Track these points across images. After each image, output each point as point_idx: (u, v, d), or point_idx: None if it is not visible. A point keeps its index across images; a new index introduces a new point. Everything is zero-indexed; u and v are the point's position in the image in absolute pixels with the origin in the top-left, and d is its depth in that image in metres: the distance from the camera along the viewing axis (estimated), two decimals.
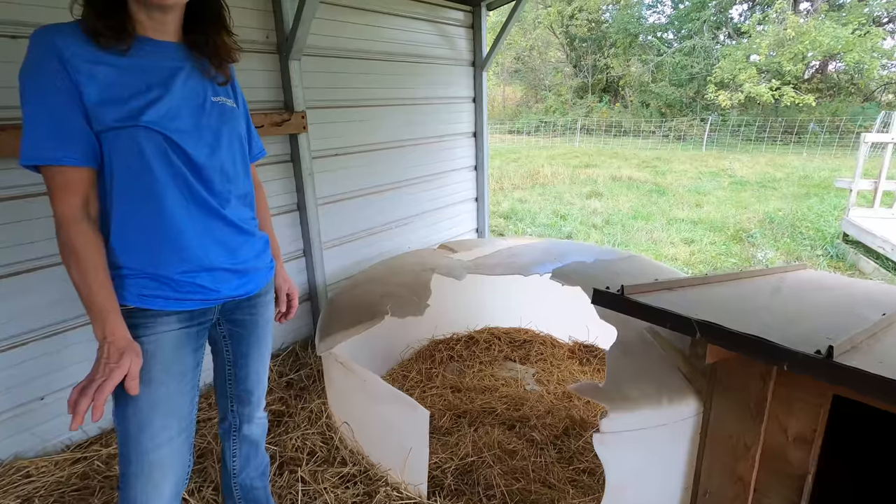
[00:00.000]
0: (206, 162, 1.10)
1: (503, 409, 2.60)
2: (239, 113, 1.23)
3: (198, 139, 1.09)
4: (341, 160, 2.64)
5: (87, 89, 0.95)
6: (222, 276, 1.17)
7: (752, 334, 1.02)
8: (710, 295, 1.43)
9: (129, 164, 1.01)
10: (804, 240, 5.58)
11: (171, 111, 1.04)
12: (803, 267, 2.25)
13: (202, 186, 1.10)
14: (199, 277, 1.12)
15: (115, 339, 1.00)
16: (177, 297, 1.10)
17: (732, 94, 16.07)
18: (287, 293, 1.46)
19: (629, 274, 2.01)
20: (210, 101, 1.14)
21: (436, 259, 2.77)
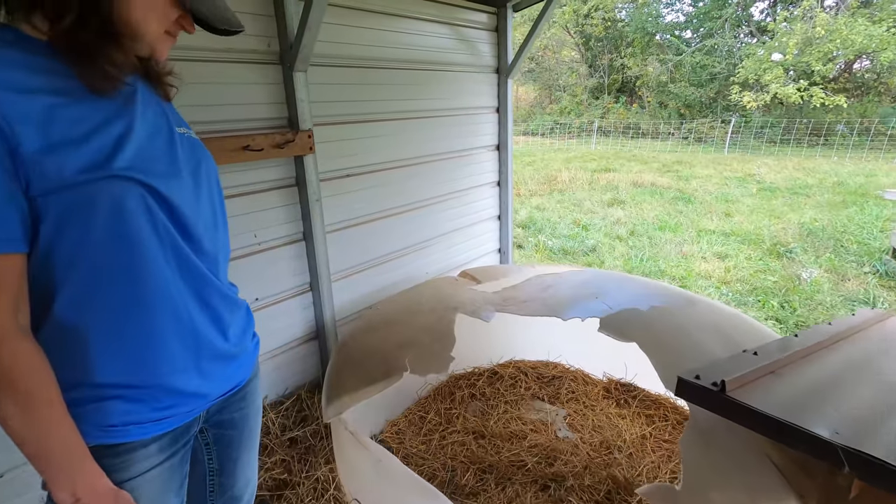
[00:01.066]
0: (193, 215, 0.81)
1: (534, 464, 2.30)
2: (205, 148, 0.95)
3: (180, 185, 0.80)
4: (352, 182, 2.35)
5: (24, 134, 0.64)
6: (213, 370, 0.87)
7: None
8: (824, 378, 1.11)
9: (95, 234, 0.70)
10: (849, 255, 5.17)
11: (144, 149, 0.75)
12: (894, 314, 1.91)
13: (192, 249, 0.81)
14: (189, 379, 0.82)
15: (97, 498, 0.71)
16: (156, 416, 0.80)
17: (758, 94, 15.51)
18: None
19: (696, 326, 1.69)
20: (175, 132, 0.85)
21: (458, 292, 2.47)
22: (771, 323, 3.72)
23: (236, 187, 1.90)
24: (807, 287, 4.33)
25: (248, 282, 2.02)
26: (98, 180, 0.69)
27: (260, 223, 2.01)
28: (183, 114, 1.69)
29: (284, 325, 2.22)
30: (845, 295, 4.18)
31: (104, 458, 0.76)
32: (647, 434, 2.48)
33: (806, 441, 0.83)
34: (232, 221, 1.92)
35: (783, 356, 1.16)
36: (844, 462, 0.79)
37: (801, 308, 3.93)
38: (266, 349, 2.16)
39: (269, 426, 2.04)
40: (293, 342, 2.27)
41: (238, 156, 1.73)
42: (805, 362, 1.20)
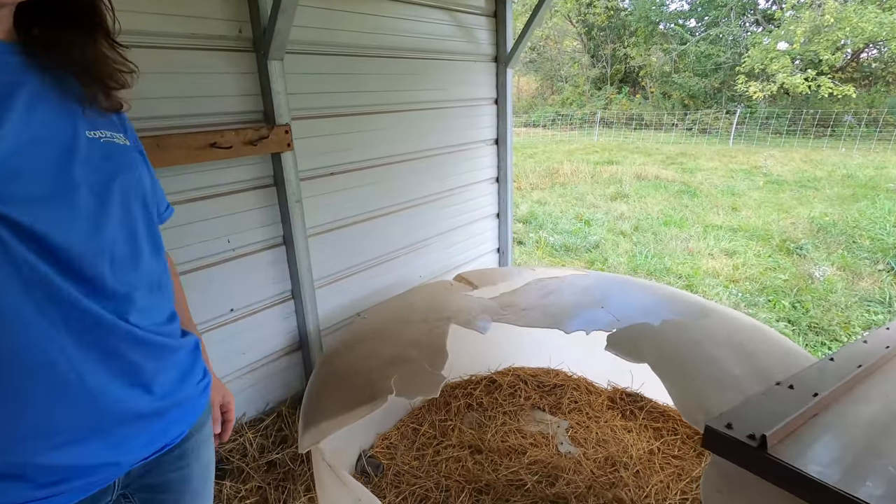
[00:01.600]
0: (85, 247, 0.63)
1: (534, 483, 2.14)
2: (133, 152, 0.77)
3: (66, 210, 0.62)
4: (337, 181, 2.17)
5: None
6: (127, 433, 0.70)
7: None
8: (875, 420, 0.94)
9: None
10: (862, 252, 4.98)
11: (6, 161, 0.58)
12: None
13: (80, 289, 0.63)
14: (81, 452, 0.65)
15: None
16: (40, 495, 0.63)
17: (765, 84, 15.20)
18: (221, 405, 1.00)
19: (714, 342, 1.52)
20: (84, 138, 0.67)
21: (452, 299, 2.29)
22: (783, 325, 3.55)
23: (206, 188, 1.73)
24: (819, 286, 4.15)
25: (222, 291, 1.85)
26: None
27: (234, 227, 1.84)
28: (142, 108, 1.52)
29: (264, 337, 2.05)
30: (860, 295, 4.00)
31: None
32: (655, 449, 2.32)
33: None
34: (201, 226, 1.76)
35: (826, 393, 0.98)
36: None
37: (815, 309, 3.75)
38: (244, 363, 1.99)
39: (247, 447, 1.88)
40: (274, 354, 2.10)
41: (204, 154, 1.55)
42: (849, 398, 1.03)
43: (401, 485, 2.17)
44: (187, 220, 1.69)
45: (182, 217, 1.67)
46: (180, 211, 1.68)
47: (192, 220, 1.70)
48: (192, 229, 1.71)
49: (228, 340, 1.91)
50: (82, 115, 0.67)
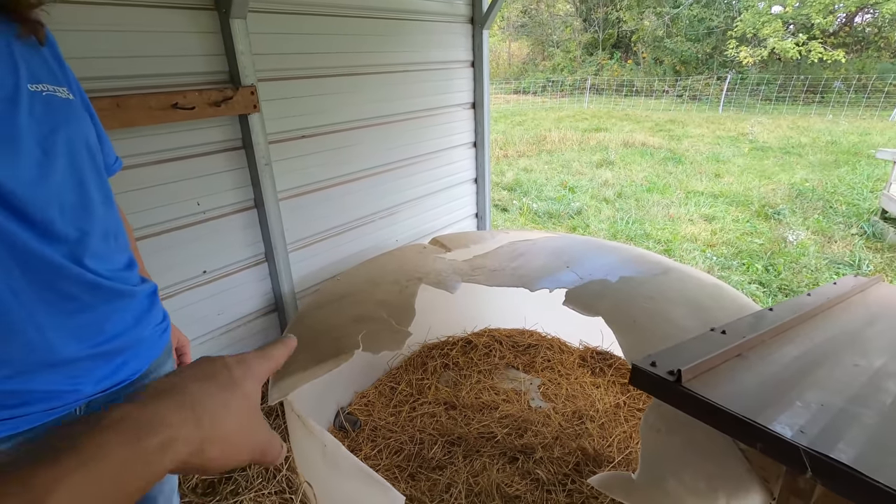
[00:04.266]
0: (33, 193, 0.66)
1: (504, 435, 2.24)
2: (80, 107, 0.78)
3: (12, 156, 0.64)
4: (306, 144, 2.17)
5: None
6: (78, 369, 0.75)
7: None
8: (797, 361, 1.00)
9: None
10: (837, 216, 5.08)
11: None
12: (877, 280, 1.81)
13: (32, 233, 0.66)
14: (40, 380, 0.70)
15: None
16: (6, 415, 0.69)
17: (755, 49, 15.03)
18: (176, 348, 1.05)
19: (666, 299, 1.58)
20: (26, 90, 0.69)
21: (424, 262, 2.34)
22: (755, 287, 3.66)
23: (172, 150, 1.72)
24: (792, 250, 4.25)
25: (194, 254, 1.88)
26: None
27: (203, 189, 1.84)
28: (100, 67, 1.51)
29: (239, 299, 2.09)
30: (830, 258, 4.10)
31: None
32: (621, 403, 2.43)
33: (766, 441, 0.73)
34: (169, 188, 1.77)
35: (753, 335, 1.05)
36: (808, 466, 0.69)
37: (786, 272, 3.86)
38: (219, 324, 2.04)
39: None
40: (249, 315, 2.15)
41: (166, 115, 1.55)
42: (777, 341, 1.10)
43: (377, 439, 2.26)
44: (154, 182, 1.70)
45: (148, 179, 1.68)
46: (146, 173, 1.68)
47: (159, 183, 1.71)
48: (159, 191, 1.72)
49: (203, 302, 1.95)
50: (26, 66, 0.68)
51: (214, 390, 0.34)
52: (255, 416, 0.38)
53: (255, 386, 0.38)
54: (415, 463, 2.13)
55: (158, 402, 0.31)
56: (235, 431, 0.35)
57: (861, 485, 0.64)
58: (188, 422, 0.31)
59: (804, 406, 0.81)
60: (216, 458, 0.33)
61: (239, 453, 0.36)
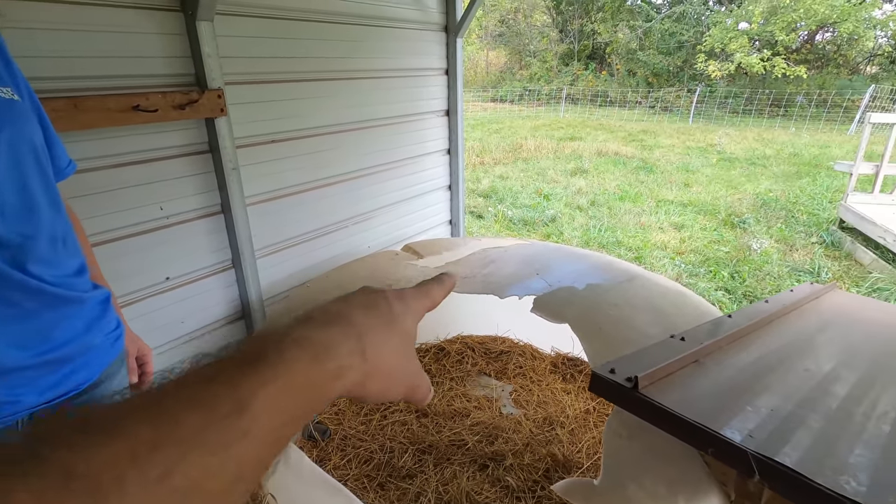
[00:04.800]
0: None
1: (475, 443, 2.24)
2: (26, 108, 0.76)
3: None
4: (275, 149, 2.14)
5: None
6: (25, 377, 0.72)
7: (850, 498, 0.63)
8: (751, 367, 1.03)
9: None
10: (798, 226, 5.28)
11: None
12: (832, 288, 1.88)
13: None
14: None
15: None
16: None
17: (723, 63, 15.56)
18: (137, 357, 1.02)
19: (631, 306, 1.61)
20: None
21: (395, 269, 2.33)
22: (721, 293, 3.76)
23: (134, 153, 1.68)
24: (757, 257, 4.39)
25: (157, 259, 1.83)
26: None
27: (166, 194, 1.80)
28: (58, 67, 1.46)
29: (204, 306, 2.04)
30: (792, 265, 4.25)
31: None
32: (591, 409, 2.45)
33: (717, 446, 0.75)
34: (130, 192, 1.72)
35: (711, 342, 1.08)
36: (755, 470, 0.70)
37: (751, 279, 3.98)
38: (182, 332, 1.98)
39: None
40: (215, 323, 2.10)
41: (127, 118, 1.51)
42: (733, 347, 1.13)
43: (346, 448, 2.23)
44: (115, 186, 1.65)
45: (109, 182, 1.63)
46: (107, 176, 1.63)
47: (120, 186, 1.66)
48: (120, 195, 1.67)
49: (166, 309, 1.90)
50: None
51: (378, 324, 0.34)
52: (411, 354, 0.38)
53: (413, 323, 0.39)
54: (384, 472, 2.11)
55: (331, 328, 0.31)
56: (394, 367, 0.35)
57: (803, 487, 0.66)
58: (356, 353, 0.31)
59: (754, 411, 0.83)
60: (375, 391, 0.34)
61: (395, 389, 0.36)
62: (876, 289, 3.73)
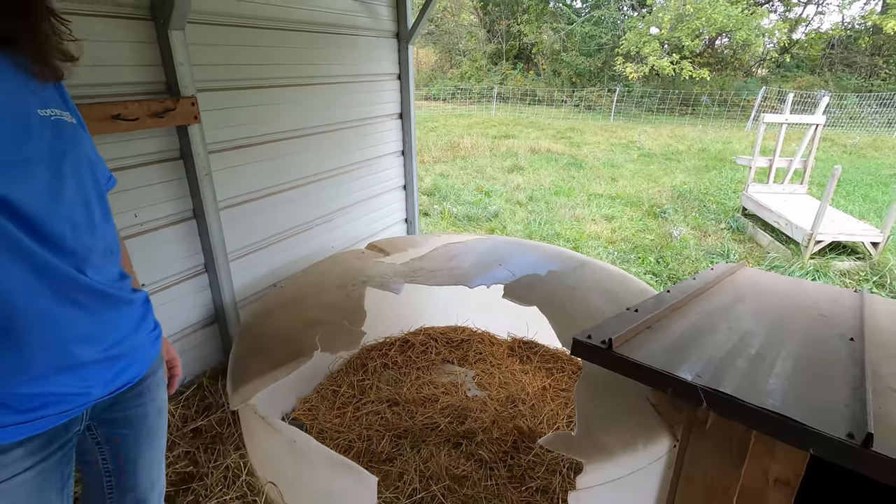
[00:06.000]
0: (48, 213, 0.72)
1: (447, 424, 2.41)
2: (80, 128, 0.83)
3: (28, 181, 0.69)
4: (244, 153, 2.19)
5: None
6: (89, 372, 0.80)
7: (773, 412, 0.87)
8: (690, 330, 1.29)
9: None
10: (709, 214, 5.93)
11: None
12: (742, 266, 2.25)
13: (46, 248, 0.72)
14: (52, 383, 0.75)
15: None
16: (21, 419, 0.73)
17: (638, 66, 16.79)
18: (167, 361, 1.10)
19: (586, 287, 1.86)
20: (37, 116, 0.73)
21: (365, 266, 2.45)
22: (648, 277, 4.19)
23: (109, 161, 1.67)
24: (677, 244, 4.92)
25: None
26: None
27: (140, 201, 1.81)
28: None
29: (178, 311, 2.05)
30: (706, 249, 4.81)
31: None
32: (547, 385, 2.70)
33: (676, 385, 0.97)
34: None
35: (658, 311, 1.32)
36: (703, 400, 0.94)
37: (673, 262, 4.47)
38: None
39: (169, 418, 1.91)
40: (189, 328, 2.11)
41: (108, 126, 1.52)
42: (675, 315, 1.39)
43: (325, 440, 2.32)
44: None
45: None
46: None
47: None
48: None
49: None
50: (35, 94, 0.73)
51: None
52: None
53: None
54: (365, 458, 2.22)
55: None
56: None
57: (739, 407, 0.90)
58: None
59: (697, 359, 1.07)
60: None
61: None
62: (773, 266, 4.34)
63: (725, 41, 19.26)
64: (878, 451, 0.78)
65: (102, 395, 0.84)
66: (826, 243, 4.52)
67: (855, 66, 17.80)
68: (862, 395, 0.92)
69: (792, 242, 4.74)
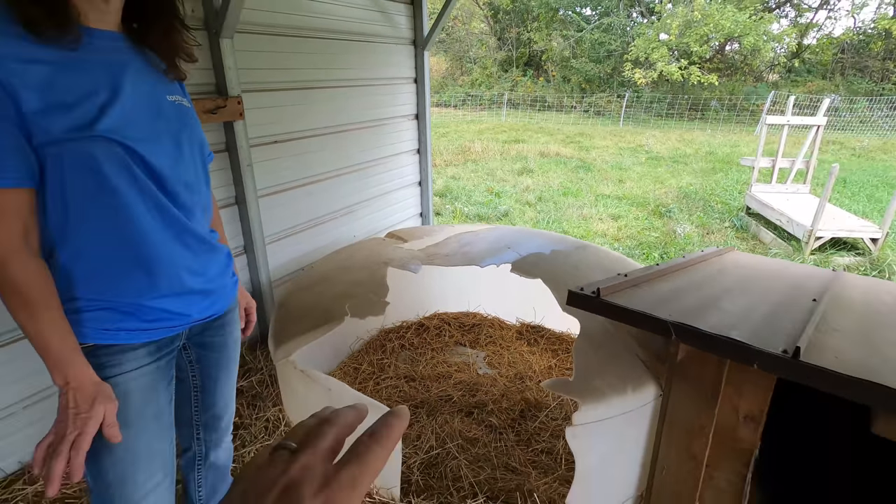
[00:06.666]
0: (171, 173, 0.96)
1: (459, 396, 2.63)
2: (194, 114, 1.08)
3: (159, 147, 0.94)
4: (280, 148, 2.45)
5: (24, 95, 0.77)
6: (192, 299, 1.04)
7: (725, 336, 1.09)
8: (671, 289, 1.50)
9: (85, 181, 0.85)
10: (714, 213, 6.10)
11: (127, 116, 0.88)
12: (731, 250, 2.45)
13: (170, 200, 0.97)
14: (169, 302, 0.99)
15: (82, 385, 0.86)
16: (144, 327, 0.97)
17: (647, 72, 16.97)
18: (245, 308, 1.34)
19: (586, 264, 2.07)
20: (166, 101, 0.99)
21: (387, 251, 2.69)
22: None
23: None
24: (681, 240, 5.10)
25: None
26: (83, 139, 0.83)
27: None
28: None
29: None
30: (710, 245, 4.98)
31: (99, 355, 0.93)
32: (553, 365, 2.91)
33: (650, 322, 1.19)
34: None
35: (644, 275, 1.54)
36: (672, 332, 1.15)
37: (676, 257, 4.65)
38: None
39: None
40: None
41: None
42: (660, 280, 1.60)
43: None
44: None
45: None
46: None
47: None
48: None
49: None
50: (164, 84, 0.98)
51: None
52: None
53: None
54: None
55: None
56: None
57: (700, 335, 1.11)
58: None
59: (673, 308, 1.29)
60: None
61: None
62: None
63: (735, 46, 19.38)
64: (804, 360, 0.99)
65: (199, 319, 1.08)
66: (826, 239, 4.67)
67: (867, 70, 17.81)
68: (802, 327, 1.13)
69: (793, 239, 4.89)
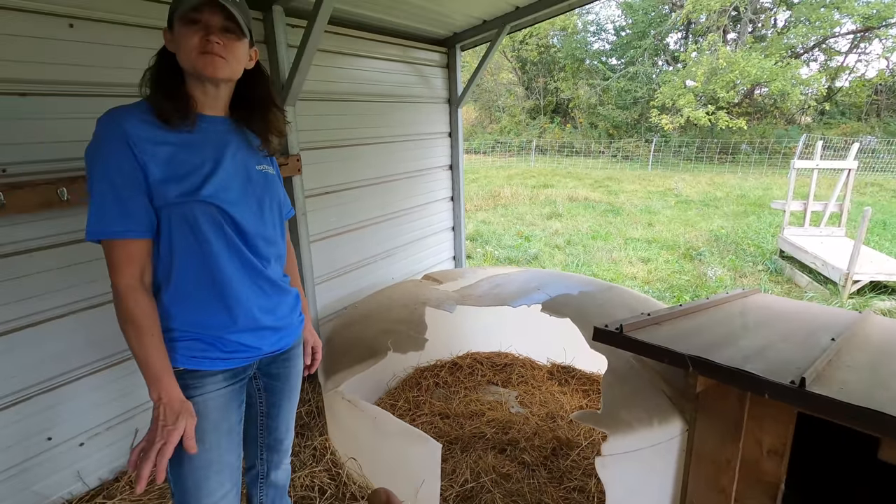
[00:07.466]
0: (253, 229, 1.18)
1: (492, 434, 2.71)
2: (277, 180, 1.32)
3: (246, 208, 1.17)
4: (330, 198, 2.72)
5: (152, 169, 1.02)
6: (263, 334, 1.23)
7: (738, 368, 1.20)
8: (692, 327, 1.62)
9: (186, 234, 1.08)
10: (746, 256, 6.08)
11: (223, 184, 1.11)
12: (757, 292, 2.52)
13: (249, 251, 1.18)
14: (245, 336, 1.18)
15: (170, 401, 1.05)
16: (223, 356, 1.16)
17: (673, 117, 17.21)
18: (312, 346, 1.53)
19: (612, 304, 2.20)
20: (255, 170, 1.22)
21: (424, 292, 2.87)
22: None
23: None
24: (712, 283, 5.10)
25: None
26: (189, 202, 1.07)
27: None
28: None
29: None
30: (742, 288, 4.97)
31: (186, 378, 1.12)
32: (585, 405, 2.97)
33: (669, 355, 1.31)
34: None
35: (666, 313, 1.67)
36: (689, 364, 1.27)
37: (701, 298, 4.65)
38: None
39: None
40: None
41: None
42: (682, 318, 1.72)
43: None
44: None
45: None
46: None
47: None
48: None
49: None
50: (254, 156, 1.23)
51: None
52: None
53: None
54: None
55: None
56: None
57: (716, 368, 1.23)
58: None
59: (692, 344, 1.41)
60: None
61: None
62: None
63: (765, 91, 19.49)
64: (810, 390, 1.10)
65: (268, 352, 1.27)
66: (865, 283, 4.60)
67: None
68: (812, 361, 1.24)
69: (830, 283, 4.83)
